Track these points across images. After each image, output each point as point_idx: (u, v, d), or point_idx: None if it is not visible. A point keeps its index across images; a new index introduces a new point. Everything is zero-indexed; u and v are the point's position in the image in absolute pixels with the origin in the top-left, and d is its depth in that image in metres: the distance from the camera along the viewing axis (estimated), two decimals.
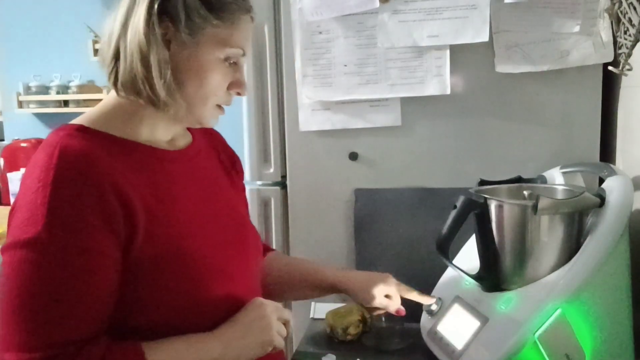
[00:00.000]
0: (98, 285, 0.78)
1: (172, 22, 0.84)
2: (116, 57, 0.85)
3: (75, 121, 0.86)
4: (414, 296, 1.17)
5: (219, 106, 0.92)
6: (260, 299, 0.94)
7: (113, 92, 0.88)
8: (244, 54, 0.90)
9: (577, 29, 1.30)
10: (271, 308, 0.93)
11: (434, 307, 1.18)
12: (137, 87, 0.84)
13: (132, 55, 0.83)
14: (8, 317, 0.75)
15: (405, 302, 1.17)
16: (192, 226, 0.89)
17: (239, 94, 0.92)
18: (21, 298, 0.74)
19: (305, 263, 1.22)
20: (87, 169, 0.78)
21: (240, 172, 1.12)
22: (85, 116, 0.88)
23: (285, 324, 0.95)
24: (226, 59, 0.88)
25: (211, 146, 1.06)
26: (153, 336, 0.82)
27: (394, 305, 1.15)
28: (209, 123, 0.93)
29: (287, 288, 1.18)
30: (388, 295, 1.15)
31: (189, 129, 1.00)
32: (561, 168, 1.24)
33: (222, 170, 1.05)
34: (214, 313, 0.89)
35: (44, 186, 0.75)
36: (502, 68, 1.35)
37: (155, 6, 0.82)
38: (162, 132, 0.92)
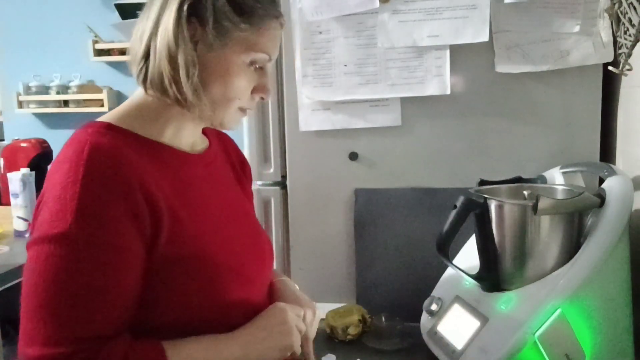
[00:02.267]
0: (124, 282, 0.78)
1: (200, 24, 0.84)
2: (146, 55, 0.86)
3: (102, 119, 0.87)
4: (305, 351, 0.98)
5: (242, 109, 0.92)
6: (282, 304, 0.93)
7: (140, 91, 0.89)
8: (270, 60, 0.90)
9: (577, 29, 1.30)
10: (292, 313, 0.92)
11: (433, 307, 1.18)
12: (164, 86, 0.85)
13: (160, 54, 0.84)
14: (34, 312, 0.75)
15: (405, 301, 1.17)
16: (212, 230, 0.90)
17: (262, 98, 0.92)
18: (48, 293, 0.74)
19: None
20: (117, 166, 0.78)
21: (249, 178, 1.12)
22: (111, 114, 0.88)
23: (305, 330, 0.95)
24: (252, 63, 0.88)
25: (225, 151, 1.07)
26: (172, 336, 0.82)
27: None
28: (231, 126, 0.93)
29: None
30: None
31: (204, 133, 1.01)
32: (561, 168, 1.24)
33: (234, 176, 1.06)
34: (232, 315, 0.89)
35: (73, 182, 0.76)
36: (502, 68, 1.35)
37: (185, 7, 0.83)
38: (186, 134, 0.93)
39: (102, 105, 3.00)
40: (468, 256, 1.19)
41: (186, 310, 0.84)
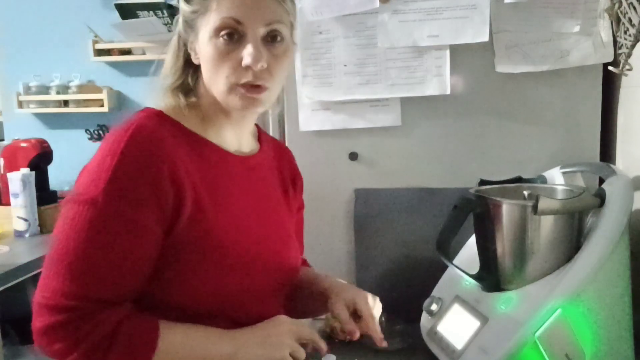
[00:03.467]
0: (138, 255, 0.84)
1: (185, 45, 0.96)
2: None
3: (158, 107, 0.94)
4: (372, 328, 1.03)
5: (241, 85, 0.90)
6: (284, 317, 0.94)
7: None
8: (239, 22, 0.88)
9: (577, 29, 1.30)
10: (289, 327, 0.92)
11: (433, 307, 1.18)
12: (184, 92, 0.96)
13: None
14: (54, 264, 0.82)
15: (405, 301, 1.17)
16: (233, 226, 0.93)
17: (248, 67, 0.89)
18: (67, 248, 0.81)
19: (310, 272, 1.16)
20: (153, 150, 0.85)
21: (299, 191, 1.15)
22: (170, 105, 0.95)
23: (305, 345, 0.93)
24: (216, 32, 0.89)
25: (277, 160, 1.10)
26: (175, 319, 0.87)
27: (350, 324, 1.00)
28: (239, 105, 0.92)
29: (298, 299, 1.11)
30: (356, 313, 1.04)
31: (259, 141, 1.07)
32: (561, 168, 1.24)
33: (280, 186, 1.08)
34: (235, 314, 0.92)
35: (113, 154, 0.83)
36: (502, 68, 1.35)
37: (179, 27, 0.95)
38: (228, 134, 0.98)
39: (102, 105, 3.00)
40: (468, 256, 1.19)
41: (192, 296, 0.89)
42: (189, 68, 0.97)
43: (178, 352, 0.85)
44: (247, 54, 0.88)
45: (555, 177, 1.22)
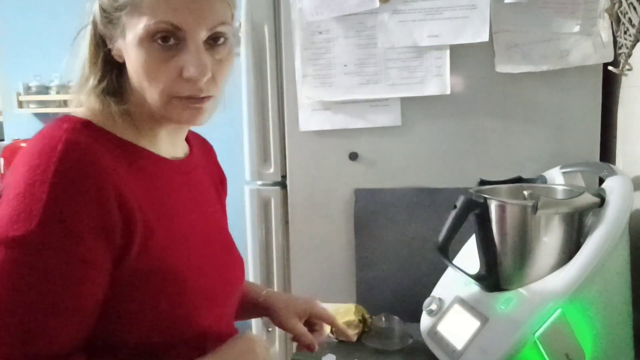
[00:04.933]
0: (85, 297, 0.71)
1: (104, 39, 0.81)
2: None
3: (79, 114, 0.79)
4: (340, 327, 1.05)
5: (180, 97, 0.78)
6: (252, 334, 0.87)
7: None
8: (178, 29, 0.74)
9: (577, 29, 1.30)
10: (262, 345, 0.86)
11: (433, 307, 1.18)
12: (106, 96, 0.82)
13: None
14: None
15: (405, 301, 1.17)
16: (184, 244, 0.83)
17: (187, 79, 0.76)
18: (2, 304, 0.67)
19: (245, 285, 1.08)
20: (91, 171, 0.71)
21: (225, 191, 1.06)
22: (91, 109, 0.81)
23: None
24: (149, 36, 0.74)
25: (205, 159, 1.00)
26: (134, 356, 0.77)
27: (308, 337, 0.99)
28: (181, 118, 0.80)
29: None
30: (313, 322, 1.04)
31: (187, 140, 0.94)
32: (561, 168, 1.24)
33: (212, 187, 1.00)
34: (197, 338, 0.83)
35: (41, 181, 0.68)
36: (502, 68, 1.35)
37: (96, 17, 0.81)
38: (164, 140, 0.87)
39: None
40: (468, 256, 1.18)
41: (150, 328, 0.78)
42: (111, 66, 0.81)
43: None
44: (189, 64, 0.75)
45: (555, 177, 1.22)
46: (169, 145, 0.88)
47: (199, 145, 1.00)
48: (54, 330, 0.69)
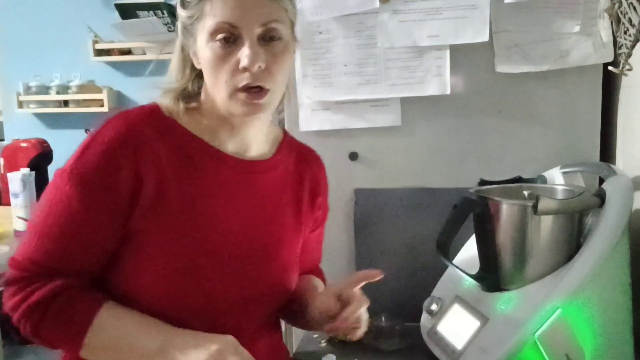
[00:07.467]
0: (87, 234, 0.86)
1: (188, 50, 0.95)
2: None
3: (158, 100, 0.94)
4: (351, 310, 0.95)
5: (239, 89, 0.88)
6: (232, 338, 0.82)
7: None
8: (233, 26, 0.86)
9: (577, 29, 1.30)
10: (230, 351, 0.80)
11: (433, 307, 1.18)
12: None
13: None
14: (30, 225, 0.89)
15: (405, 301, 1.17)
16: (207, 226, 0.91)
17: (245, 69, 0.87)
18: (37, 216, 0.88)
19: (313, 281, 1.08)
20: (127, 141, 0.86)
21: (316, 209, 1.07)
22: (173, 98, 0.95)
23: None
24: (212, 36, 0.87)
25: (297, 169, 1.04)
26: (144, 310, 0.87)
27: (331, 317, 0.94)
28: (241, 112, 0.90)
29: (298, 311, 1.03)
30: (344, 299, 0.96)
31: (280, 146, 1.02)
32: (561, 168, 1.24)
33: (293, 198, 1.02)
34: (192, 316, 0.88)
35: (93, 137, 0.87)
36: (502, 68, 1.35)
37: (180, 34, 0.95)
38: (229, 137, 0.95)
39: (102, 105, 3.00)
40: (468, 256, 1.19)
41: (148, 294, 0.87)
42: (194, 73, 0.96)
43: (108, 334, 0.84)
44: (243, 55, 0.86)
45: (555, 177, 1.22)
46: (235, 143, 0.96)
47: (298, 155, 1.06)
48: (59, 250, 0.86)
